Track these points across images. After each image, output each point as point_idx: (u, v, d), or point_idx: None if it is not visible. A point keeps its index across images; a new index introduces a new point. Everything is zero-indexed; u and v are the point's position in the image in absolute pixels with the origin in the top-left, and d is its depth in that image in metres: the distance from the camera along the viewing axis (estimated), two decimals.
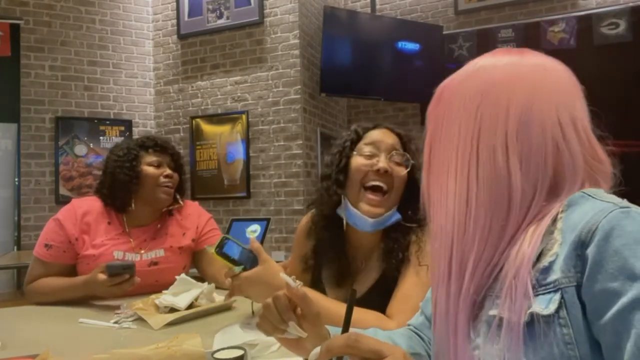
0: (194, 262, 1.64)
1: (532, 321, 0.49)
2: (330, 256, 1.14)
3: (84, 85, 3.87)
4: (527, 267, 0.51)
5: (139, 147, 1.55)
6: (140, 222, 1.55)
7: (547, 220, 0.53)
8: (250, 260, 0.98)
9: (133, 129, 4.00)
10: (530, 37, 3.80)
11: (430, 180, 0.63)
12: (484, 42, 3.96)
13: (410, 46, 3.88)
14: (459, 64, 0.61)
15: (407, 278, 1.02)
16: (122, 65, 4.03)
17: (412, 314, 0.83)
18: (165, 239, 1.56)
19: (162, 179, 1.52)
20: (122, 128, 3.97)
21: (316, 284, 1.17)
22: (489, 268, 0.55)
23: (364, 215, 1.05)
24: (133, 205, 1.51)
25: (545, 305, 0.49)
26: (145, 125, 4.07)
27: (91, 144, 3.85)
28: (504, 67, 0.59)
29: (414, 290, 0.98)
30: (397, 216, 1.07)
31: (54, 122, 3.74)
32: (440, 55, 3.98)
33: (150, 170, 1.52)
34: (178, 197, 1.61)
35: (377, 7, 4.38)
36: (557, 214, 0.53)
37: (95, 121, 3.89)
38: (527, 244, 0.53)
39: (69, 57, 3.83)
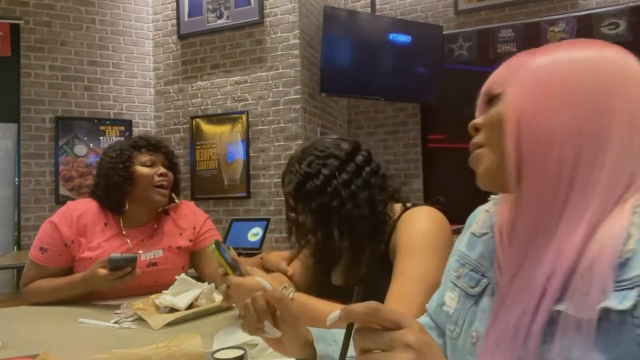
0: (192, 262, 1.64)
1: (604, 317, 0.46)
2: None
3: (84, 85, 3.88)
4: (609, 262, 0.47)
5: (132, 147, 1.53)
6: (137, 222, 1.55)
7: (628, 212, 0.50)
8: (237, 268, 0.97)
9: (133, 129, 4.00)
10: (530, 37, 3.79)
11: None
12: (484, 42, 3.95)
13: (403, 38, 3.85)
14: (458, 64, 0.60)
15: (395, 278, 1.01)
16: (122, 65, 4.03)
17: (406, 309, 0.86)
18: (162, 238, 1.56)
19: (156, 178, 1.51)
20: (122, 128, 3.97)
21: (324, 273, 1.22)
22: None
23: None
24: (127, 206, 1.50)
25: (619, 301, 0.46)
26: (145, 125, 4.07)
27: (91, 144, 3.85)
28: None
29: (407, 286, 0.98)
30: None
31: (54, 122, 3.74)
32: (440, 55, 3.96)
33: (144, 170, 1.51)
34: (173, 195, 1.60)
35: (377, 7, 4.37)
36: (633, 207, 0.50)
37: (95, 121, 3.89)
38: (608, 232, 0.49)
39: (69, 57, 3.83)
